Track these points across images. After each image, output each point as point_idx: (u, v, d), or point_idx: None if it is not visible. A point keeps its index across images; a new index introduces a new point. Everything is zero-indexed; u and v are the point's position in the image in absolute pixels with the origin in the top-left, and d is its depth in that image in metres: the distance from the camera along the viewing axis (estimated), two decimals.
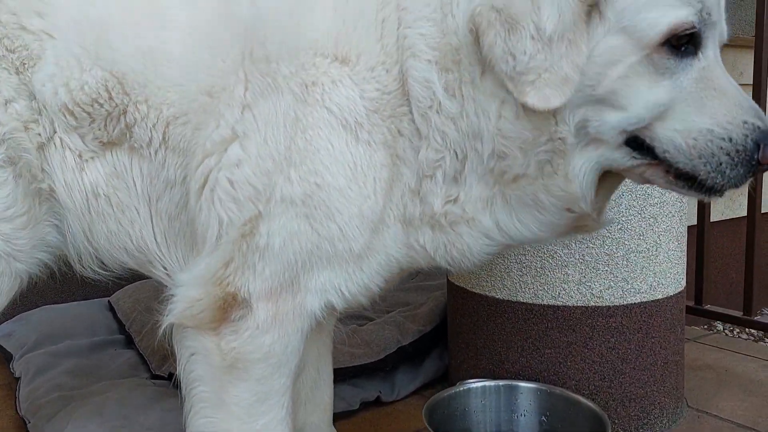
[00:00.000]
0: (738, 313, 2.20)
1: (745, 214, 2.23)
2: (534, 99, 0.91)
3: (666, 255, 1.63)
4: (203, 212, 1.07)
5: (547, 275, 1.60)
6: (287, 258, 1.04)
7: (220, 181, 1.04)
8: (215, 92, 1.05)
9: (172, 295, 1.10)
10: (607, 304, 1.59)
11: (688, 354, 2.18)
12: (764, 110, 1.15)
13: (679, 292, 1.69)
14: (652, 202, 1.59)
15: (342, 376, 1.72)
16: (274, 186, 1.02)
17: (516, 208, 1.04)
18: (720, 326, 3.02)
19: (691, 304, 2.34)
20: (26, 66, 1.10)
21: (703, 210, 2.34)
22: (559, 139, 0.97)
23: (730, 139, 0.95)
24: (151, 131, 1.09)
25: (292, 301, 1.07)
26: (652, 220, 1.59)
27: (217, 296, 1.06)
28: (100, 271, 1.22)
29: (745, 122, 0.95)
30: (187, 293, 1.08)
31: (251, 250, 1.04)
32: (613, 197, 1.54)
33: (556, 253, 1.59)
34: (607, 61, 0.93)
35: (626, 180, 1.53)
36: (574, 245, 1.58)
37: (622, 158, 0.99)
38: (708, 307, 2.28)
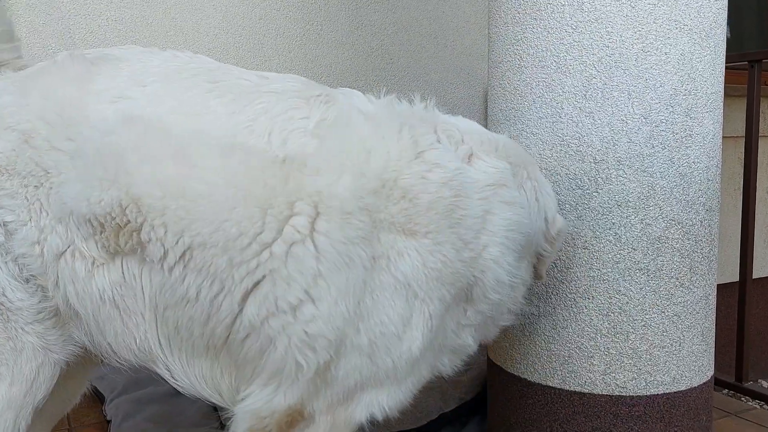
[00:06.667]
0: None
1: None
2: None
3: (690, 350, 1.74)
4: (278, 351, 1.22)
5: (574, 364, 1.74)
6: (349, 384, 1.27)
7: (297, 332, 1.20)
8: (278, 253, 1.18)
9: (236, 411, 1.29)
10: (631, 394, 1.71)
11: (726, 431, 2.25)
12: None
13: (705, 383, 1.79)
14: (675, 301, 1.70)
15: None
16: (345, 337, 1.22)
17: None
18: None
19: (731, 380, 2.40)
20: (45, 183, 1.22)
21: (744, 282, 2.40)
22: None
23: None
24: (168, 251, 1.20)
25: (344, 412, 1.30)
26: (675, 317, 1.71)
27: (285, 415, 1.27)
28: (118, 362, 1.35)
29: None
30: (259, 413, 1.26)
31: (322, 382, 1.26)
32: (637, 297, 1.68)
33: (582, 344, 1.73)
34: None
35: (648, 280, 1.67)
36: (599, 339, 1.71)
37: None
38: (747, 385, 2.34)
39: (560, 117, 1.68)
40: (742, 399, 2.67)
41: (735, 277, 2.53)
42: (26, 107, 1.24)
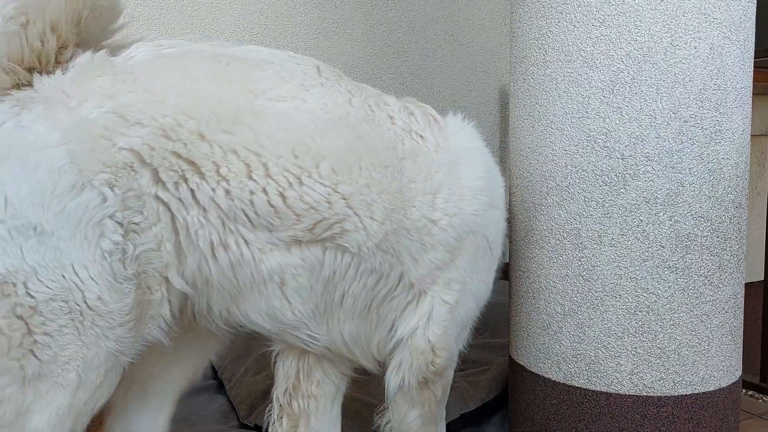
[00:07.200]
0: None
1: None
2: None
3: (718, 349, 1.71)
4: (428, 296, 1.52)
5: (600, 364, 1.71)
6: (463, 321, 1.61)
7: (444, 280, 1.53)
8: (444, 226, 1.49)
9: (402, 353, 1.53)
10: (658, 394, 1.68)
11: None
12: None
13: (733, 383, 1.76)
14: (704, 299, 1.67)
15: None
16: (468, 283, 1.56)
17: None
18: None
19: (756, 381, 2.36)
20: (192, 177, 1.24)
21: None
22: None
23: None
24: (370, 236, 1.37)
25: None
26: (704, 316, 1.68)
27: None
28: (226, 328, 1.43)
29: None
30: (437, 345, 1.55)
31: (452, 318, 1.57)
32: (666, 296, 1.65)
33: (609, 344, 1.70)
34: None
35: (677, 278, 1.65)
36: (626, 338, 1.68)
37: None
38: None
39: (587, 112, 1.65)
40: (767, 400, 2.63)
41: (756, 276, 2.49)
42: (160, 103, 1.23)
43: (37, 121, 1.17)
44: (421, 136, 1.47)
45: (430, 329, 1.51)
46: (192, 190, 1.25)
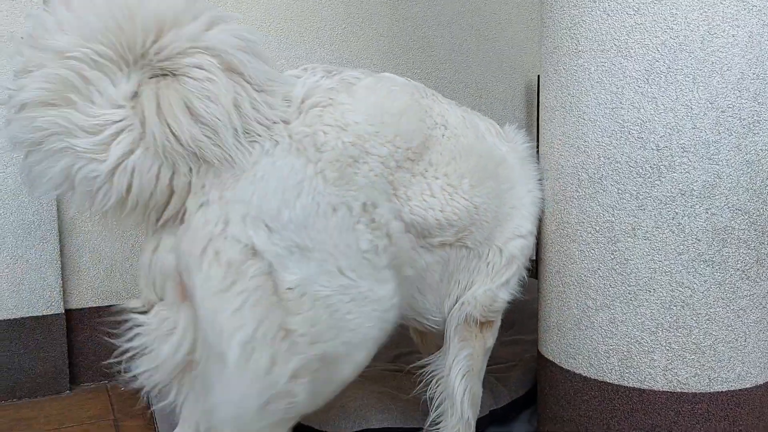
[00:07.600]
0: None
1: None
2: None
3: (755, 345, 1.67)
4: (515, 263, 1.82)
5: (633, 359, 1.68)
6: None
7: (527, 247, 1.85)
8: (523, 212, 1.86)
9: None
10: (693, 390, 1.65)
11: None
12: None
13: None
14: (741, 294, 1.63)
15: None
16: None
17: None
18: None
19: None
20: (393, 198, 1.52)
21: None
22: None
23: None
24: (482, 234, 1.71)
25: None
26: (741, 311, 1.64)
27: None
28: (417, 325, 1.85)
29: None
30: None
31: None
32: (701, 290, 1.61)
33: (642, 339, 1.67)
34: None
35: (713, 273, 1.61)
36: (660, 333, 1.65)
37: None
38: None
39: (621, 103, 1.62)
40: None
41: None
42: (376, 135, 1.47)
43: (289, 153, 1.37)
44: (499, 146, 1.79)
45: (502, 291, 1.80)
46: (391, 208, 1.51)
